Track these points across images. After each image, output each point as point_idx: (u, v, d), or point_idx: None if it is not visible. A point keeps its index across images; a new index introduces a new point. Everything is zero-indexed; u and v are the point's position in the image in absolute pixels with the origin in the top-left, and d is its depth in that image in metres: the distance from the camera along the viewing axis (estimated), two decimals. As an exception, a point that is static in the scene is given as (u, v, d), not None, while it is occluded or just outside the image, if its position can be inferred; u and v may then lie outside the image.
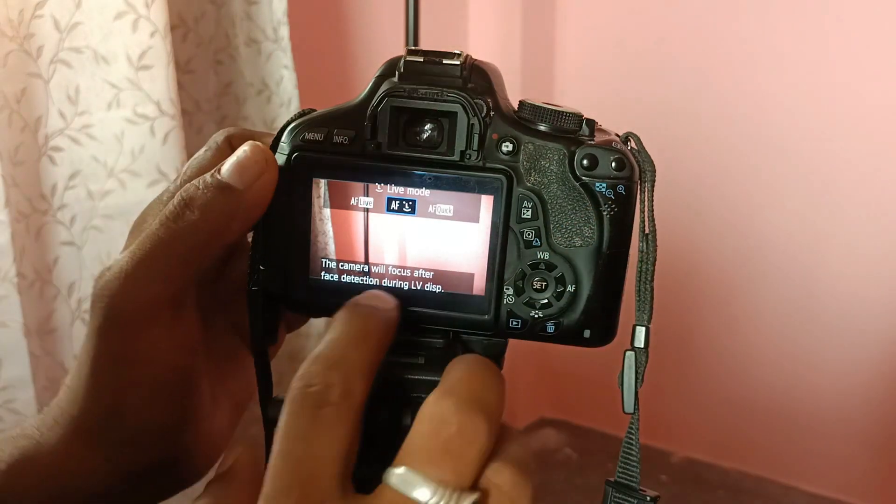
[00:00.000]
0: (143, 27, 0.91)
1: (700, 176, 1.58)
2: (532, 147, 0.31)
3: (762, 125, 1.50)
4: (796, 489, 1.60)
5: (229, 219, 0.31)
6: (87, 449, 0.32)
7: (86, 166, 0.92)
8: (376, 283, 0.33)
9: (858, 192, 1.45)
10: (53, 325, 0.94)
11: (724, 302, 1.63)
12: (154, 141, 0.94)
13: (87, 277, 0.94)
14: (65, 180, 0.92)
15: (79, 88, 0.90)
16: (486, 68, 0.32)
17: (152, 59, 0.92)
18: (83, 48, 0.89)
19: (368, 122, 0.31)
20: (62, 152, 0.91)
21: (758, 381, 1.62)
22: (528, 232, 0.31)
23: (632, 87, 1.62)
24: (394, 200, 0.32)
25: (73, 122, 0.91)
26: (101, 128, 0.92)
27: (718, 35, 1.51)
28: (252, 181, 0.31)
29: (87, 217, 0.94)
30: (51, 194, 0.91)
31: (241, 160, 0.31)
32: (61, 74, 0.89)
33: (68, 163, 0.91)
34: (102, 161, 0.93)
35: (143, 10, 0.90)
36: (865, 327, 1.49)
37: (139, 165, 0.94)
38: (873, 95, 1.40)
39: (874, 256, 1.46)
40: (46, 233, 0.92)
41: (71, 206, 0.93)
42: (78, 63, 0.90)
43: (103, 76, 0.91)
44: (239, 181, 0.31)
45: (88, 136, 0.92)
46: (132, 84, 0.92)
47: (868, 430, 1.53)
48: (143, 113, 0.93)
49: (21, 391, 0.88)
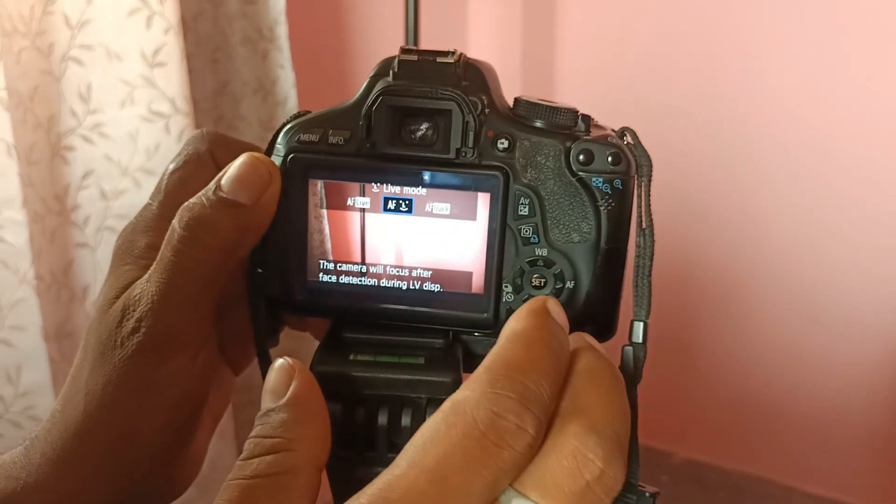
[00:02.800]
0: (158, 24, 0.90)
1: (701, 175, 1.58)
2: (528, 143, 0.31)
3: (763, 124, 1.50)
4: (797, 490, 1.60)
5: (242, 235, 0.31)
6: (83, 483, 0.30)
7: (98, 166, 0.91)
8: (374, 284, 0.33)
9: (861, 190, 1.45)
10: (70, 328, 0.93)
11: (724, 302, 1.63)
12: (169, 139, 0.93)
13: (100, 280, 0.93)
14: (78, 180, 0.91)
15: (91, 86, 0.89)
16: (480, 66, 0.32)
17: (167, 56, 0.91)
18: (95, 45, 0.88)
19: (363, 122, 0.31)
20: (74, 151, 0.90)
21: (759, 382, 1.62)
22: (526, 229, 0.31)
23: (632, 87, 1.62)
24: (390, 200, 0.32)
25: (86, 120, 0.90)
26: (114, 126, 0.91)
27: (719, 35, 1.51)
28: (259, 195, 0.30)
29: (100, 218, 0.93)
30: (64, 195, 0.90)
31: (243, 174, 0.30)
32: (72, 72, 0.88)
33: (81, 162, 0.90)
34: (116, 160, 0.92)
35: (157, 6, 0.89)
36: (867, 327, 1.49)
37: (155, 164, 0.93)
38: (877, 91, 1.40)
39: (875, 256, 1.46)
40: (61, 234, 0.91)
41: (84, 206, 0.92)
42: (89, 60, 0.88)
43: (116, 73, 0.90)
44: (246, 197, 0.30)
45: (101, 135, 0.90)
46: (147, 81, 0.91)
47: (869, 431, 1.53)
48: (157, 110, 0.92)
49: (41, 397, 0.86)
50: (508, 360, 0.25)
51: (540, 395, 0.24)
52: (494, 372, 0.25)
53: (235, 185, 0.30)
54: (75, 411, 0.30)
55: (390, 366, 0.31)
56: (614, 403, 0.26)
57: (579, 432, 0.24)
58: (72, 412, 0.30)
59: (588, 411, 0.25)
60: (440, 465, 0.23)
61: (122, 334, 0.30)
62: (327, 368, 0.31)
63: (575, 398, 0.25)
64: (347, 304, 0.33)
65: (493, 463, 0.23)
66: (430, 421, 0.24)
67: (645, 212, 0.32)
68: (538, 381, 0.24)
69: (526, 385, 0.24)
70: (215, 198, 0.30)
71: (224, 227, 0.30)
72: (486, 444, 0.23)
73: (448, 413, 0.24)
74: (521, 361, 0.25)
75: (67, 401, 0.31)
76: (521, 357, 0.25)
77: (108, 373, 0.30)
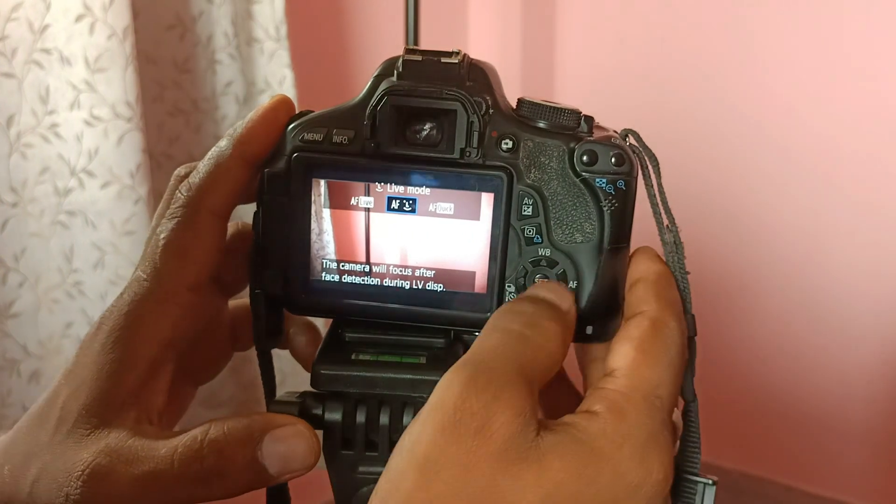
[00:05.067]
0: (100, 30, 0.92)
1: (701, 176, 1.58)
2: (531, 144, 0.31)
3: (764, 124, 1.50)
4: (797, 489, 1.60)
5: (247, 488, 0.30)
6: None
7: (53, 163, 0.95)
8: (377, 283, 0.33)
9: (861, 191, 1.45)
10: (17, 310, 0.97)
11: (724, 302, 1.63)
12: (108, 143, 0.95)
13: (52, 269, 0.98)
14: (35, 175, 0.94)
15: (49, 88, 0.93)
16: (484, 67, 0.32)
17: (108, 62, 0.93)
18: (52, 49, 0.92)
19: (368, 122, 0.31)
20: (33, 149, 0.94)
21: (758, 382, 1.62)
22: (529, 229, 0.31)
23: (632, 87, 1.62)
24: (394, 199, 0.32)
25: (44, 120, 0.93)
26: (65, 127, 0.94)
27: (719, 35, 1.51)
28: (289, 473, 0.30)
29: (53, 212, 0.97)
30: (21, 188, 0.94)
31: (287, 452, 0.29)
32: (34, 75, 0.92)
33: (38, 159, 0.94)
34: (66, 159, 0.95)
35: (101, 12, 0.92)
36: (867, 328, 1.49)
37: (94, 166, 0.96)
38: (877, 92, 1.40)
39: (875, 256, 1.46)
40: (15, 224, 0.95)
41: (39, 200, 0.96)
42: (48, 64, 0.92)
43: (66, 77, 0.93)
44: (278, 472, 0.29)
45: (55, 135, 0.94)
46: (89, 86, 0.94)
47: (869, 430, 1.53)
48: (98, 115, 0.95)
49: None
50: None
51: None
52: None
53: (276, 459, 0.30)
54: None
55: (392, 365, 0.31)
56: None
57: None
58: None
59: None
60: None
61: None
62: (329, 368, 0.31)
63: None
64: (350, 303, 0.33)
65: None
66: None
67: (664, 209, 0.32)
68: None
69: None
70: (250, 458, 0.29)
71: (239, 484, 0.29)
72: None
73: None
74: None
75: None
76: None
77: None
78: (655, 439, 0.27)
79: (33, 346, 0.97)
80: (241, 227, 0.36)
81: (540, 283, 0.31)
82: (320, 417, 0.31)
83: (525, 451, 0.25)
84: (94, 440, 0.29)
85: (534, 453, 0.25)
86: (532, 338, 0.28)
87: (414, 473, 0.25)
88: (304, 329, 0.38)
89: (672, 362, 0.29)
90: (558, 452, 0.26)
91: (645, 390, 0.28)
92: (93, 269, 0.97)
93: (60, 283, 0.97)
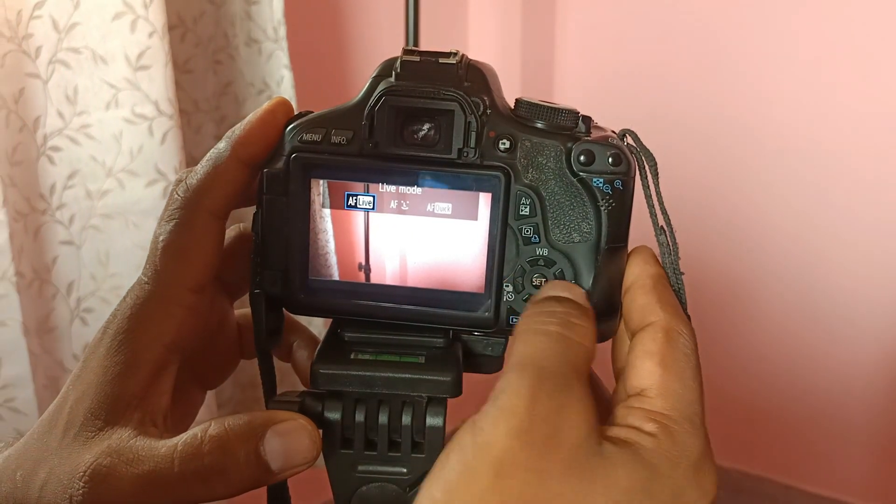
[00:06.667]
0: (142, 27, 0.91)
1: (700, 176, 1.58)
2: (529, 144, 0.31)
3: (763, 125, 1.50)
4: (796, 489, 1.60)
5: (248, 486, 0.30)
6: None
7: (84, 166, 0.93)
8: (376, 283, 0.33)
9: (861, 191, 1.45)
10: (52, 323, 0.95)
11: (724, 302, 1.63)
12: (152, 141, 0.94)
13: (85, 276, 0.95)
14: (63, 180, 0.92)
15: (77, 89, 0.91)
16: (482, 67, 0.32)
17: (150, 60, 0.92)
18: (81, 48, 0.90)
19: (366, 122, 0.31)
20: (61, 152, 0.92)
21: (758, 381, 1.62)
22: (527, 228, 0.31)
23: (632, 87, 1.62)
24: (392, 199, 0.32)
25: (72, 122, 0.91)
26: (99, 128, 0.93)
27: (718, 36, 1.51)
28: (291, 468, 0.30)
29: (85, 216, 0.94)
30: (49, 194, 0.92)
31: (290, 447, 0.30)
32: (60, 75, 0.90)
33: (67, 162, 0.92)
34: (101, 161, 0.93)
35: (142, 10, 0.91)
36: (866, 327, 1.49)
37: (137, 165, 0.94)
38: (875, 93, 1.40)
39: (874, 256, 1.46)
40: (45, 232, 0.93)
41: (69, 205, 0.93)
42: (76, 63, 0.90)
43: (101, 76, 0.91)
44: (280, 467, 0.30)
45: (87, 136, 0.92)
46: (130, 84, 0.92)
47: (869, 430, 1.53)
48: (141, 113, 0.93)
49: (21, 390, 0.89)
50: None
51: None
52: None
53: (278, 454, 0.30)
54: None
55: (391, 365, 0.31)
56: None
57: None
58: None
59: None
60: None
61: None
62: (328, 368, 0.31)
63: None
64: (349, 302, 0.33)
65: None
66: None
67: (661, 209, 0.32)
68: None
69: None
70: (253, 454, 0.30)
71: (240, 483, 0.29)
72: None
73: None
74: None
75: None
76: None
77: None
78: (706, 458, 0.28)
79: (69, 362, 0.95)
80: (242, 230, 0.36)
81: (552, 282, 0.31)
82: (319, 416, 0.31)
83: (593, 459, 0.26)
84: (97, 442, 0.29)
85: (600, 462, 0.26)
86: (571, 338, 0.28)
87: (489, 474, 0.25)
88: (307, 343, 0.38)
89: (695, 374, 0.29)
90: (624, 465, 0.26)
91: (684, 410, 0.28)
92: (136, 271, 0.96)
93: (94, 290, 0.96)
